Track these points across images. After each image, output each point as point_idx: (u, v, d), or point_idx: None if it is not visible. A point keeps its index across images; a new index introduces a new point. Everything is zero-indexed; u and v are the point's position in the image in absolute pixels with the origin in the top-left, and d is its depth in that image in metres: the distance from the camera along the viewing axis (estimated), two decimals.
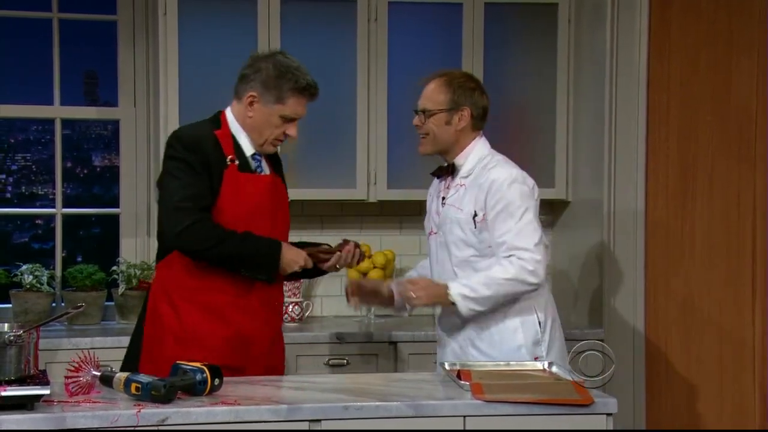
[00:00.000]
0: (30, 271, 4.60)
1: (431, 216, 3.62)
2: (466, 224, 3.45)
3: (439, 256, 3.54)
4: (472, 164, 3.52)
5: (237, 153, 3.34)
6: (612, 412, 2.87)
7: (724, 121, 4.58)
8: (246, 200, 3.31)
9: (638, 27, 4.53)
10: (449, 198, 3.53)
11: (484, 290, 3.34)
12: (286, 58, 3.40)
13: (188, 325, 3.29)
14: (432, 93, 3.52)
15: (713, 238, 4.59)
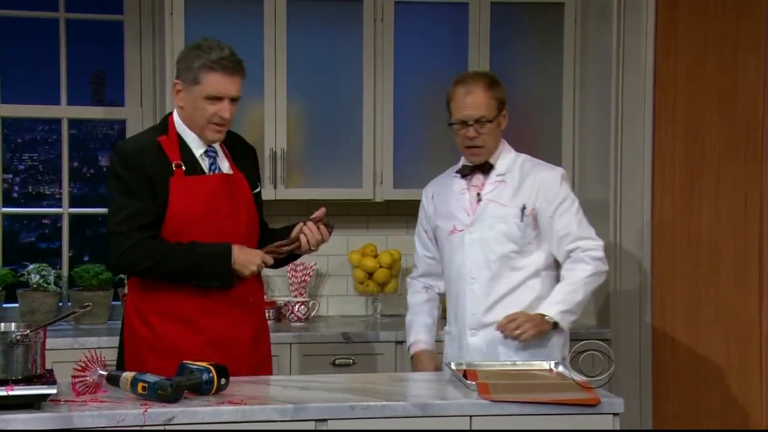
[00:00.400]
0: (37, 270, 4.61)
1: (454, 214, 3.56)
2: (511, 218, 3.46)
3: (470, 253, 3.50)
4: (508, 162, 3.55)
5: (184, 155, 3.29)
6: (618, 411, 2.87)
7: (730, 121, 4.57)
8: (196, 203, 3.25)
9: (645, 26, 4.52)
10: (488, 194, 3.52)
11: (575, 297, 3.39)
12: (202, 41, 3.29)
13: (163, 337, 3.28)
14: (484, 99, 3.48)
15: (720, 238, 4.58)
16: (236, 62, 3.27)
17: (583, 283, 3.42)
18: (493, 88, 3.51)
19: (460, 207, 3.56)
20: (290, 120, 4.58)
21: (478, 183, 3.55)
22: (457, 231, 3.54)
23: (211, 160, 3.35)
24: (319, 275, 4.94)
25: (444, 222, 3.60)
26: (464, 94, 3.49)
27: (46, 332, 2.77)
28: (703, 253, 4.58)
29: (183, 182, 3.25)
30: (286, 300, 4.71)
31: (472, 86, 3.50)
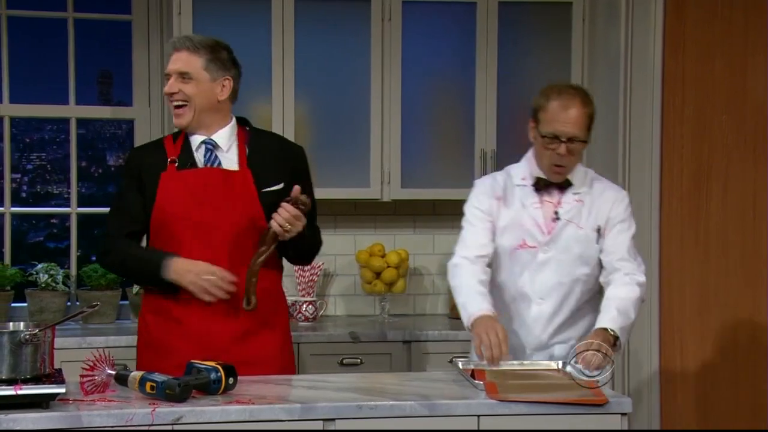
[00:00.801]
0: (45, 270, 4.62)
1: (525, 228, 3.36)
2: (588, 240, 3.36)
3: (541, 273, 3.35)
4: (580, 177, 3.42)
5: (184, 152, 3.34)
6: (627, 411, 2.87)
7: (739, 121, 4.56)
8: (180, 196, 3.28)
9: (653, 25, 4.51)
10: (565, 213, 3.36)
11: (629, 315, 3.24)
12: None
13: (152, 331, 3.36)
14: (580, 118, 3.27)
15: (728, 238, 4.57)
16: (184, 39, 3.35)
17: (633, 304, 3.26)
18: (589, 105, 3.33)
19: (532, 222, 3.36)
20: (298, 119, 4.58)
21: (554, 200, 3.38)
22: (527, 247, 3.36)
23: (208, 153, 3.35)
24: (326, 275, 4.95)
25: (511, 234, 3.38)
26: (562, 108, 3.28)
27: (54, 332, 2.77)
28: (712, 253, 4.57)
29: (171, 176, 3.31)
30: (293, 300, 4.71)
31: (569, 101, 3.29)
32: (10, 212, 4.85)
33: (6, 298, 4.59)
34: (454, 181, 4.72)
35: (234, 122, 3.43)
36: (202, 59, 3.31)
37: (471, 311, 3.21)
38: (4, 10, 4.79)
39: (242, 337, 3.33)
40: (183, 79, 3.30)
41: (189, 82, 3.30)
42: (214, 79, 3.33)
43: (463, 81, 4.71)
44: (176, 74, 3.31)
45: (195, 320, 3.29)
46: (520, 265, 3.37)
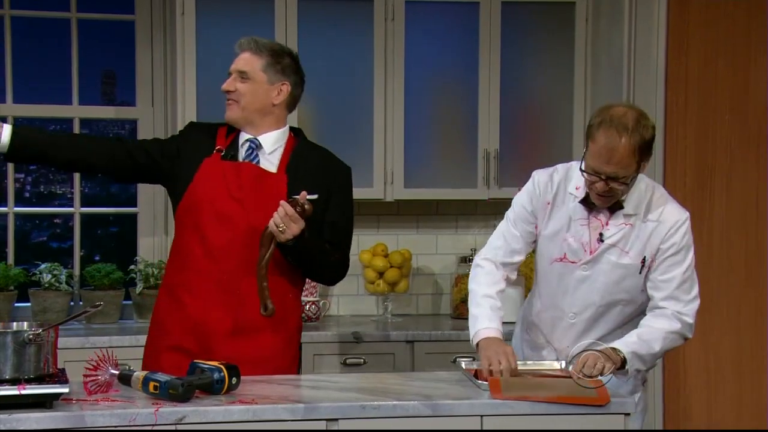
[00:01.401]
0: (48, 270, 4.63)
1: (567, 242, 3.25)
2: (631, 268, 3.21)
3: (578, 290, 3.26)
4: (637, 199, 3.22)
5: (232, 145, 3.39)
6: (629, 412, 2.87)
7: (742, 120, 4.56)
8: (213, 183, 3.31)
9: (656, 25, 4.51)
10: (610, 237, 3.22)
11: (652, 347, 3.14)
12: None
13: (157, 310, 3.42)
14: (626, 159, 3.05)
15: (731, 237, 4.57)
16: (249, 41, 3.41)
17: (663, 337, 3.16)
18: (639, 151, 3.07)
19: (577, 238, 3.25)
20: (300, 119, 4.58)
21: (602, 219, 3.23)
22: (567, 261, 3.27)
23: (249, 150, 3.39)
24: None
25: (554, 245, 3.28)
26: (606, 147, 3.04)
27: (57, 331, 2.78)
28: (715, 253, 4.57)
29: (212, 163, 3.35)
30: None
31: (616, 141, 3.04)
32: (14, 212, 4.85)
33: (9, 298, 4.60)
34: (457, 181, 4.72)
35: (286, 129, 3.46)
36: (263, 61, 3.38)
37: (478, 328, 3.18)
38: (7, 10, 4.80)
39: (239, 333, 3.30)
40: (241, 78, 3.38)
41: (246, 81, 3.38)
42: (271, 82, 3.39)
43: (466, 81, 4.71)
44: (236, 73, 3.39)
45: (197, 306, 3.30)
46: (561, 278, 3.29)
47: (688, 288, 3.23)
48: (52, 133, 3.50)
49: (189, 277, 3.32)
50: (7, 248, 4.82)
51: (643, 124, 3.08)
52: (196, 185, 3.32)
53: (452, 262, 5.00)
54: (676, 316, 3.21)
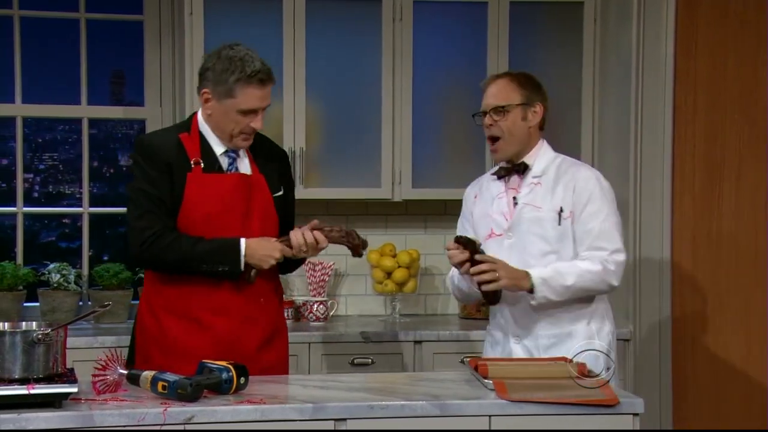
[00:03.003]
0: (57, 270, 4.63)
1: (493, 217, 3.46)
2: (548, 222, 3.36)
3: (509, 259, 3.35)
4: (545, 162, 3.45)
5: (205, 154, 3.31)
6: (638, 412, 2.86)
7: (750, 120, 4.55)
8: (211, 201, 3.27)
9: (665, 25, 4.50)
10: (523, 197, 3.42)
11: (565, 279, 3.28)
12: (232, 50, 3.27)
13: (169, 335, 3.30)
14: (504, 91, 3.43)
15: (740, 237, 4.56)
16: (269, 72, 3.29)
17: (580, 273, 3.30)
18: (519, 82, 3.44)
19: (498, 211, 3.46)
20: (309, 119, 4.58)
21: (515, 185, 3.46)
22: (495, 235, 3.44)
23: (230, 159, 3.36)
24: (337, 275, 4.95)
25: (482, 225, 3.49)
26: (487, 86, 3.48)
27: (66, 331, 2.78)
28: (724, 252, 4.56)
29: (200, 179, 3.28)
30: (304, 299, 4.72)
31: (496, 79, 3.49)
32: (23, 212, 4.87)
33: (18, 297, 4.61)
34: (465, 180, 4.66)
35: None
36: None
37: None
38: (16, 11, 4.81)
39: (266, 343, 3.35)
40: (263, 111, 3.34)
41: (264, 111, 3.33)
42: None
43: (474, 81, 4.66)
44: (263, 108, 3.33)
45: (227, 327, 3.28)
46: (493, 253, 3.37)
47: (608, 238, 3.36)
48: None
49: (214, 299, 3.28)
50: (16, 248, 4.83)
51: (528, 76, 3.50)
52: (190, 205, 3.27)
53: None
54: (599, 260, 3.32)
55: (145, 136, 3.48)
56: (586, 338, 3.38)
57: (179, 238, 3.23)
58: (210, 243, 3.23)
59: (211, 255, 3.22)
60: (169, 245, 3.22)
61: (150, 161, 3.27)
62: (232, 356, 3.17)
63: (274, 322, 3.42)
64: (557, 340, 3.39)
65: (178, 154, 3.28)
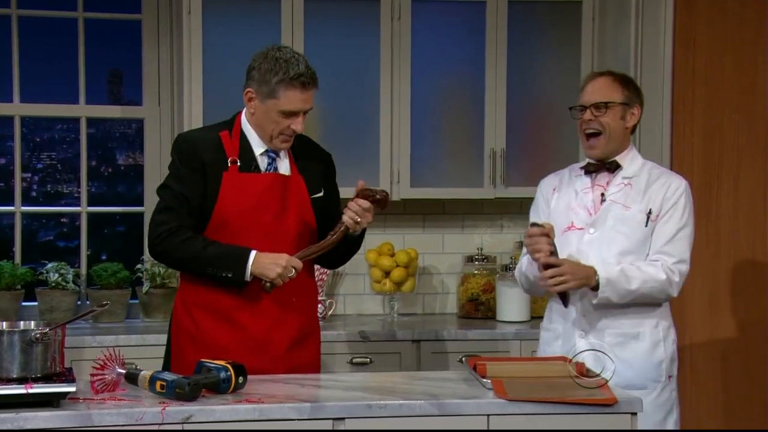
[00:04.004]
0: (55, 269, 4.63)
1: (576, 210, 3.43)
2: (635, 222, 3.35)
3: (588, 255, 3.35)
4: (636, 165, 3.45)
5: (244, 153, 3.34)
6: (637, 411, 2.86)
7: (750, 118, 4.55)
8: (245, 200, 3.29)
9: (663, 23, 4.50)
10: (612, 195, 3.41)
11: (630, 283, 3.27)
12: (278, 52, 3.32)
13: (204, 332, 3.33)
14: (606, 87, 3.42)
15: (739, 236, 4.56)
16: (313, 76, 3.34)
17: (645, 280, 3.28)
18: (621, 81, 3.44)
19: (581, 205, 3.44)
20: (307, 119, 4.57)
21: (603, 183, 3.44)
22: (575, 228, 3.42)
23: (270, 159, 3.39)
24: (336, 274, 4.95)
25: (562, 217, 3.45)
26: (589, 82, 3.47)
27: (64, 330, 2.78)
28: (722, 251, 4.56)
29: (235, 178, 3.31)
30: None
31: (599, 76, 3.48)
32: (21, 211, 4.86)
33: (16, 297, 4.60)
34: (464, 180, 4.72)
35: None
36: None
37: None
38: (14, 10, 4.80)
39: (297, 342, 3.38)
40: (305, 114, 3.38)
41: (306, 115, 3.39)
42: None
43: (472, 80, 4.71)
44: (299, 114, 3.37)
45: (259, 326, 3.31)
46: (571, 246, 3.39)
47: (679, 246, 3.37)
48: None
49: (247, 297, 3.30)
50: (14, 247, 4.83)
51: (629, 78, 3.50)
52: (225, 204, 3.29)
53: (458, 262, 4.99)
54: (664, 268, 3.32)
55: (184, 134, 3.53)
56: (653, 343, 3.39)
57: (192, 238, 3.26)
58: (221, 248, 3.25)
59: (218, 259, 3.24)
60: (181, 243, 3.25)
61: (184, 158, 3.33)
62: (263, 355, 3.26)
63: (307, 322, 3.44)
64: (624, 339, 3.37)
65: (216, 153, 3.32)
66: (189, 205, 3.29)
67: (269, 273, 3.22)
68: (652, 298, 3.35)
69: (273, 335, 3.33)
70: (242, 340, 3.29)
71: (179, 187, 3.30)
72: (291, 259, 3.24)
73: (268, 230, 3.30)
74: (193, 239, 3.26)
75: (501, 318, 4.69)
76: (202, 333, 3.33)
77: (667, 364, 3.40)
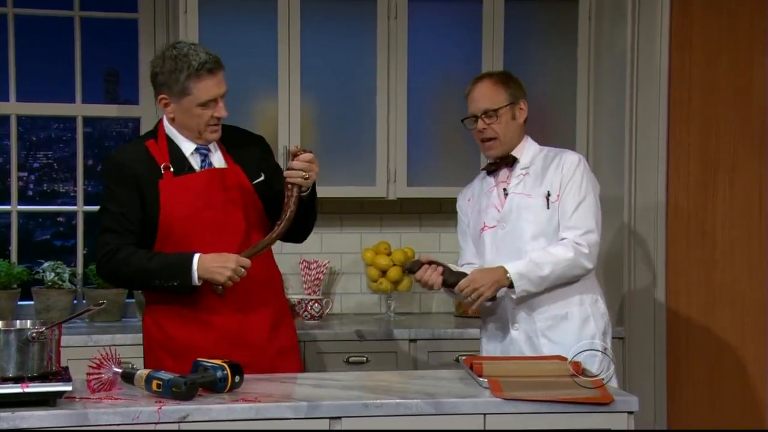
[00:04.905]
0: (52, 268, 4.63)
1: (486, 211, 3.56)
2: (537, 207, 3.45)
3: (503, 250, 3.48)
4: (532, 154, 3.56)
5: (174, 157, 3.33)
6: (633, 410, 2.86)
7: (745, 117, 4.56)
8: (187, 201, 3.29)
9: (659, 22, 4.51)
10: (513, 187, 3.52)
11: (542, 269, 3.35)
12: (175, 50, 3.31)
13: (177, 339, 3.33)
14: (490, 92, 3.54)
15: (735, 234, 4.56)
16: (217, 60, 3.32)
17: (555, 261, 3.36)
18: (502, 82, 3.55)
19: (490, 204, 3.56)
20: (304, 118, 4.58)
21: (505, 178, 3.57)
22: (488, 228, 3.55)
23: (202, 157, 3.38)
24: (332, 273, 4.95)
25: (476, 220, 3.61)
26: (472, 90, 3.58)
27: (61, 330, 2.78)
28: (718, 251, 4.56)
29: (172, 183, 3.30)
30: (299, 298, 4.72)
31: (479, 82, 3.59)
32: (17, 210, 4.86)
33: (12, 296, 4.60)
34: (460, 179, 4.68)
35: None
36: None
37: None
38: (10, 9, 4.80)
39: (274, 328, 3.39)
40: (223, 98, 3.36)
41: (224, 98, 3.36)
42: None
43: (469, 79, 4.69)
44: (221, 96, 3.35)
45: (230, 322, 3.31)
46: (487, 245, 3.53)
47: (583, 217, 3.42)
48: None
49: (210, 298, 3.29)
50: (10, 246, 4.82)
51: (507, 74, 3.62)
52: (167, 210, 3.28)
53: (455, 261, 4.98)
54: (572, 245, 3.39)
55: (112, 154, 3.46)
56: (582, 320, 3.46)
57: (134, 254, 3.26)
58: (164, 258, 3.25)
59: (163, 270, 3.24)
60: (124, 260, 3.26)
61: (115, 179, 3.32)
62: (243, 348, 3.25)
63: (277, 308, 3.45)
64: (553, 322, 3.46)
65: (146, 165, 3.31)
66: (128, 223, 3.28)
67: (218, 278, 3.21)
68: (570, 277, 3.42)
69: (248, 326, 3.33)
70: (218, 338, 3.29)
71: (115, 206, 3.29)
72: (239, 259, 3.23)
73: (217, 227, 3.30)
74: (135, 254, 3.26)
75: None
76: (176, 343, 3.32)
77: (600, 337, 3.46)
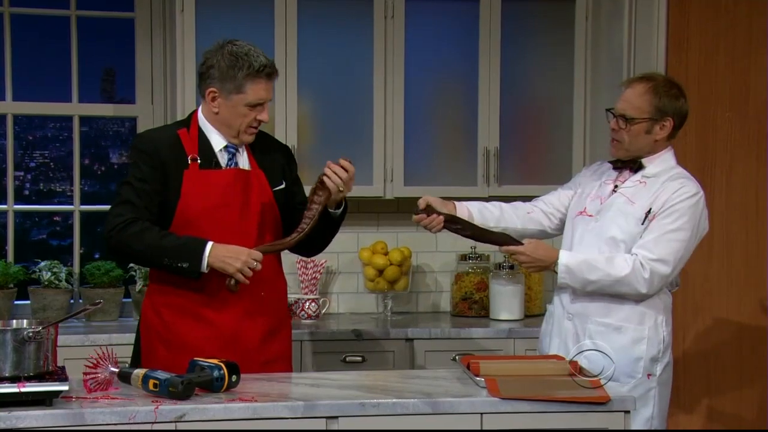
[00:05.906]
0: (48, 267, 4.62)
1: (586, 197, 3.53)
2: (633, 219, 3.38)
3: (587, 239, 3.45)
4: (660, 169, 3.46)
5: (203, 150, 3.34)
6: (630, 409, 2.86)
7: (742, 117, 4.56)
8: (208, 196, 3.29)
9: (656, 22, 4.50)
10: (623, 188, 3.46)
11: (591, 273, 3.34)
12: (235, 46, 3.33)
13: (172, 329, 3.33)
14: (636, 99, 3.43)
15: (732, 234, 4.57)
16: (274, 66, 3.37)
17: (607, 273, 3.32)
18: (654, 92, 3.42)
19: (598, 194, 3.52)
20: (301, 117, 4.58)
21: (623, 178, 3.50)
22: (585, 214, 3.51)
23: (230, 155, 3.39)
24: (329, 272, 4.95)
25: (580, 201, 3.57)
26: (625, 87, 3.50)
27: (57, 329, 2.78)
28: (715, 250, 4.56)
29: (196, 175, 3.31)
30: (296, 297, 4.71)
31: (634, 83, 3.49)
32: (14, 210, 4.85)
33: (9, 295, 4.59)
34: (457, 179, 4.72)
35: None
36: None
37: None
38: (7, 8, 4.79)
39: (269, 335, 3.39)
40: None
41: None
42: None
43: (466, 79, 4.71)
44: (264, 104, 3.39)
45: (227, 321, 3.31)
46: (575, 230, 3.52)
47: (664, 247, 3.34)
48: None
49: (215, 293, 3.29)
50: (6, 246, 4.82)
51: (669, 85, 3.46)
52: (187, 201, 3.29)
53: (452, 260, 4.99)
54: (635, 262, 3.32)
55: (142, 133, 3.53)
56: (634, 339, 3.39)
57: (148, 229, 3.23)
58: (178, 239, 3.23)
59: (175, 250, 3.21)
60: (137, 234, 3.22)
61: (144, 156, 3.31)
62: (235, 350, 3.23)
63: (277, 315, 3.45)
64: (606, 330, 3.41)
65: (175, 151, 3.32)
66: (149, 200, 3.27)
67: (228, 268, 3.20)
68: (619, 292, 3.36)
69: (243, 330, 3.32)
70: (212, 337, 3.29)
71: (140, 183, 3.28)
72: (251, 252, 3.23)
73: (232, 226, 3.30)
74: (150, 230, 3.23)
75: (494, 316, 4.69)
76: (171, 333, 3.32)
77: (647, 362, 3.40)
